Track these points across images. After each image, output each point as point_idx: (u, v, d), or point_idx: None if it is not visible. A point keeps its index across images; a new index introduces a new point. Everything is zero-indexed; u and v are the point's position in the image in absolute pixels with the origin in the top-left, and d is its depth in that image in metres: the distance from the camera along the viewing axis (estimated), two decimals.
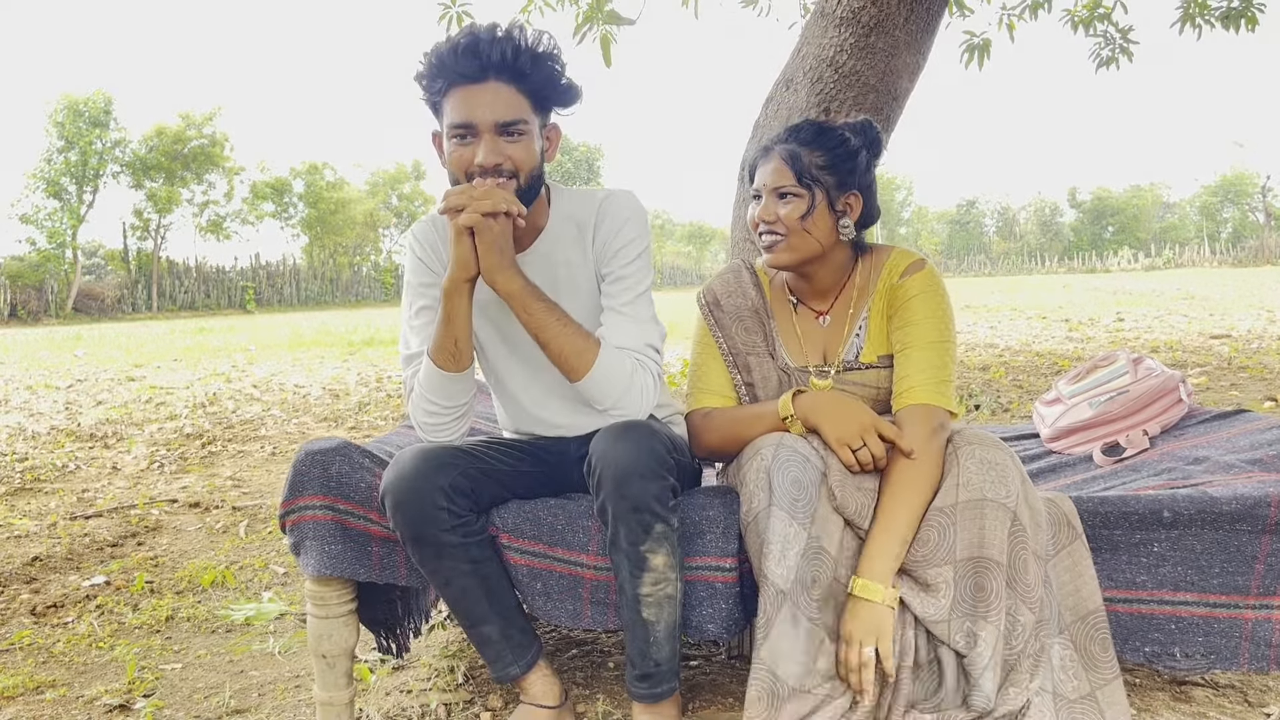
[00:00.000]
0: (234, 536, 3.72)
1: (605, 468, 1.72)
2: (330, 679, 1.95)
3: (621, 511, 1.71)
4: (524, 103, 1.81)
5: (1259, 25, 6.86)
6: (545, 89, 1.84)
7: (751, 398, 2.06)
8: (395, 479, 1.79)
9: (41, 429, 6.39)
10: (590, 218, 1.95)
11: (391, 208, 44.02)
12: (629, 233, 1.93)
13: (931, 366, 1.88)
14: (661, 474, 1.73)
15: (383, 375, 9.08)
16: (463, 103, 1.78)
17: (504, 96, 1.78)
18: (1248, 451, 2.14)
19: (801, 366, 2.03)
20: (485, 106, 1.77)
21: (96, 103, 30.00)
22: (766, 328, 2.08)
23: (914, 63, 4.50)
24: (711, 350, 2.09)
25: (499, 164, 1.79)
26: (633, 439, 1.73)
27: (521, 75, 1.79)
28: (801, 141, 1.96)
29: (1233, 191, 58.66)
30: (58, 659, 2.53)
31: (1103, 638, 1.77)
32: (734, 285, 2.12)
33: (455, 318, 1.82)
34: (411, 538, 1.80)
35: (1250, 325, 10.69)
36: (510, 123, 1.79)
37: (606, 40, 5.97)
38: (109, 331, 19.40)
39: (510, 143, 1.80)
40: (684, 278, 51.22)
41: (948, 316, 1.94)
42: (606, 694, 2.17)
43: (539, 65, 1.80)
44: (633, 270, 1.93)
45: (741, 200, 4.64)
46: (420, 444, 1.87)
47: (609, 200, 1.95)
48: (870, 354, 1.99)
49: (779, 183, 1.95)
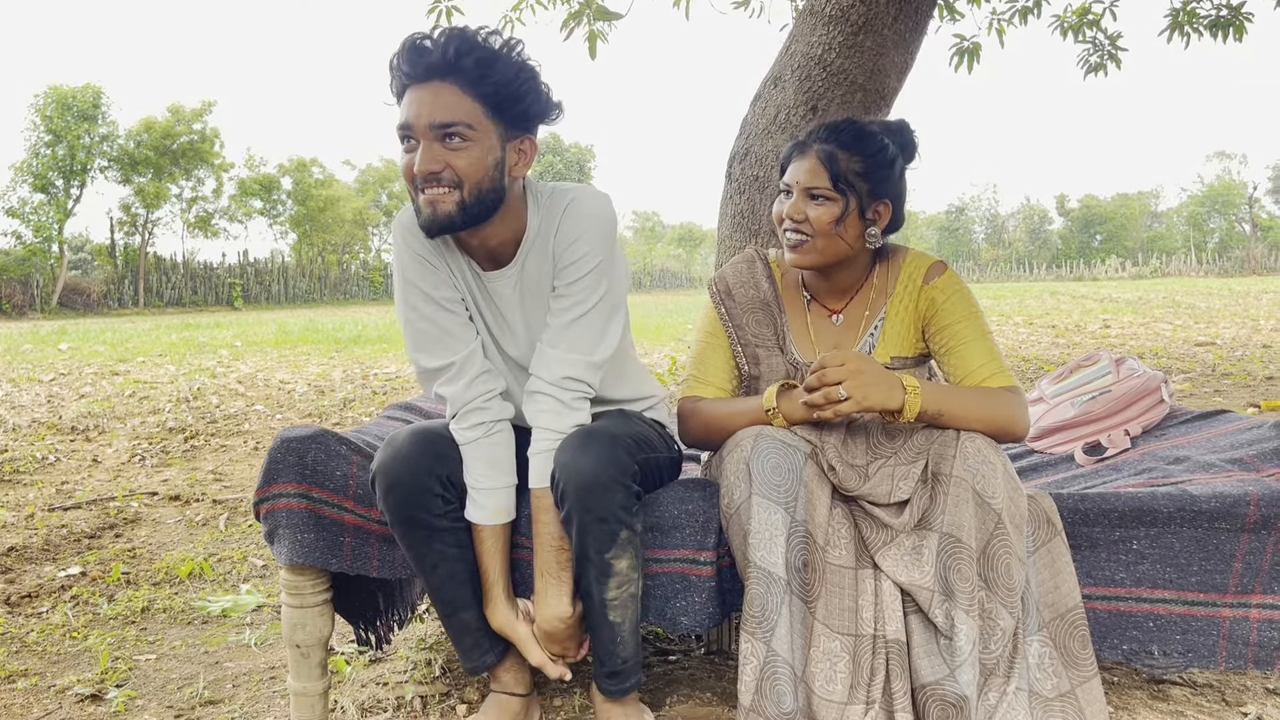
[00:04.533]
0: (213, 529, 3.69)
1: (569, 480, 1.71)
2: (304, 669, 1.93)
3: (587, 523, 1.72)
4: (472, 107, 1.67)
5: (1246, 35, 6.90)
6: (503, 95, 1.69)
7: (755, 391, 2.06)
8: (389, 460, 1.77)
9: (23, 421, 6.34)
10: (553, 224, 1.82)
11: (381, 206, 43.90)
12: (581, 247, 1.79)
13: (991, 357, 1.92)
14: (624, 482, 1.72)
15: (368, 372, 9.04)
16: (405, 104, 1.69)
17: (444, 97, 1.66)
18: (1228, 451, 2.14)
19: (810, 362, 2.03)
20: (423, 106, 1.66)
21: (85, 96, 29.78)
22: (777, 321, 2.07)
23: (902, 62, 4.50)
24: (718, 340, 2.09)
25: (436, 171, 1.67)
26: (594, 449, 1.72)
27: (469, 76, 1.66)
28: (841, 144, 1.92)
29: (1220, 202, 59.04)
30: (30, 648, 2.50)
31: (1082, 635, 1.76)
32: (746, 276, 2.11)
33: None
34: (402, 520, 1.78)
35: (1235, 333, 10.74)
36: (447, 124, 1.66)
37: (595, 35, 5.97)
38: (94, 326, 19.27)
39: (451, 149, 1.67)
40: (673, 280, 51.21)
41: (980, 310, 1.98)
42: (583, 688, 2.16)
43: (493, 68, 1.66)
44: (578, 289, 1.81)
45: (728, 198, 4.64)
46: (413, 427, 1.85)
47: (571, 205, 1.81)
48: (884, 354, 2.00)
49: (813, 183, 1.92)
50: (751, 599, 1.72)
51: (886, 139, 1.95)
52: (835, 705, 1.69)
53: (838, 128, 1.95)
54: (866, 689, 1.71)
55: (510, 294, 1.89)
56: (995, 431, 1.82)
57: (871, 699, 1.70)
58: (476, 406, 1.86)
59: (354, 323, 17.96)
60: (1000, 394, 1.85)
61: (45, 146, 29.65)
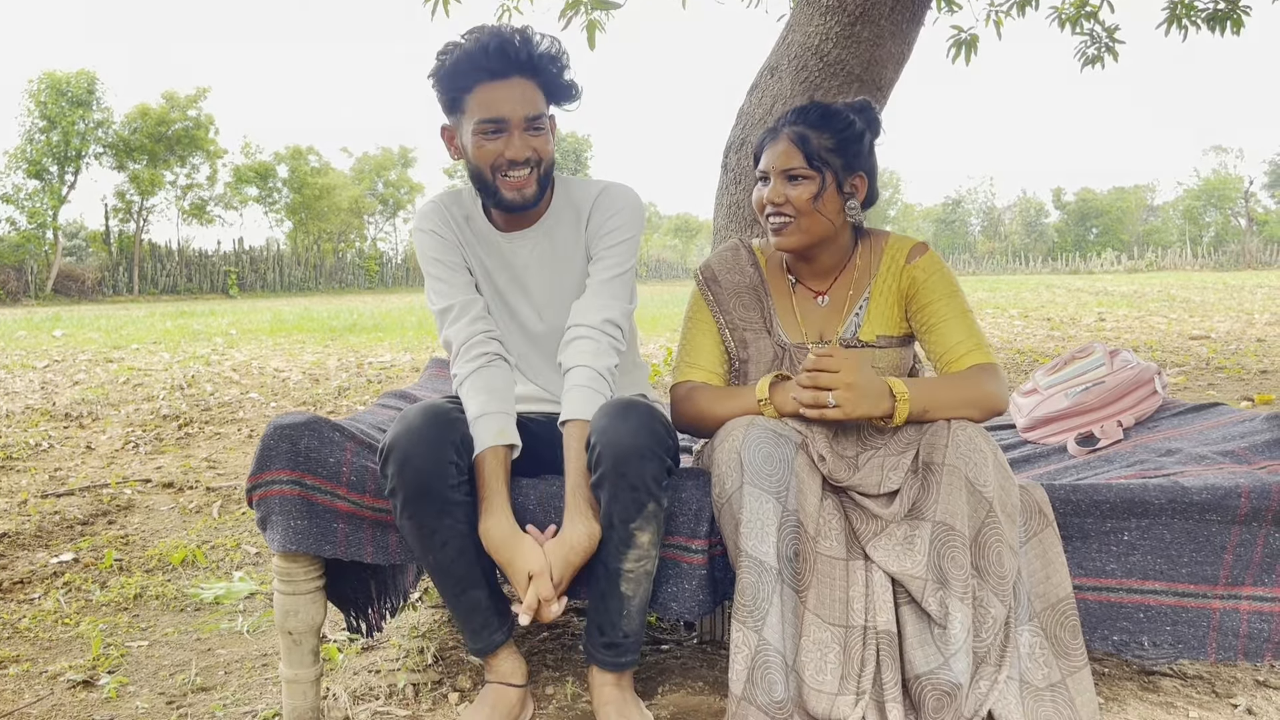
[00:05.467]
0: (207, 517, 3.68)
1: (605, 445, 1.76)
2: (296, 656, 1.93)
3: (619, 489, 1.75)
4: (542, 98, 1.96)
5: (1244, 28, 6.89)
6: (555, 85, 1.98)
7: (744, 374, 2.09)
8: (404, 433, 1.79)
9: (16, 408, 6.32)
10: (588, 204, 2.07)
11: (377, 194, 43.80)
12: (619, 220, 2.06)
13: (970, 333, 1.96)
14: (659, 454, 1.76)
15: (363, 361, 9.03)
16: (492, 99, 1.90)
17: (529, 93, 1.93)
18: (1220, 444, 2.14)
19: (798, 343, 2.07)
20: (516, 102, 1.91)
21: (80, 82, 29.67)
22: (764, 305, 2.11)
23: (899, 53, 4.49)
24: (705, 326, 2.12)
25: (529, 157, 1.93)
26: (634, 418, 1.77)
27: (539, 72, 1.93)
28: (810, 124, 1.99)
29: (1215, 196, 59.09)
30: (22, 634, 2.50)
31: (1072, 625, 1.77)
32: (732, 262, 2.16)
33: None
34: (415, 494, 1.78)
35: (1229, 327, 10.77)
36: (536, 116, 1.93)
37: (593, 25, 5.95)
38: (89, 313, 19.23)
39: (535, 136, 1.94)
40: (669, 271, 51.19)
41: (961, 289, 2.02)
42: (576, 676, 2.16)
43: (552, 63, 1.94)
44: (616, 252, 2.05)
45: (724, 188, 4.63)
46: (423, 404, 1.87)
47: (608, 190, 2.08)
48: (869, 333, 2.04)
49: (788, 164, 1.97)
50: (743, 588, 1.72)
51: (853, 116, 2.02)
52: (825, 696, 1.69)
53: (805, 110, 2.03)
54: (857, 679, 1.71)
55: (529, 256, 2.09)
56: (977, 411, 1.85)
57: (862, 690, 1.71)
58: (478, 340, 2.00)
59: (349, 311, 17.94)
60: (974, 374, 1.90)
61: (40, 132, 29.55)
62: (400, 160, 44.57)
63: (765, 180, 2.02)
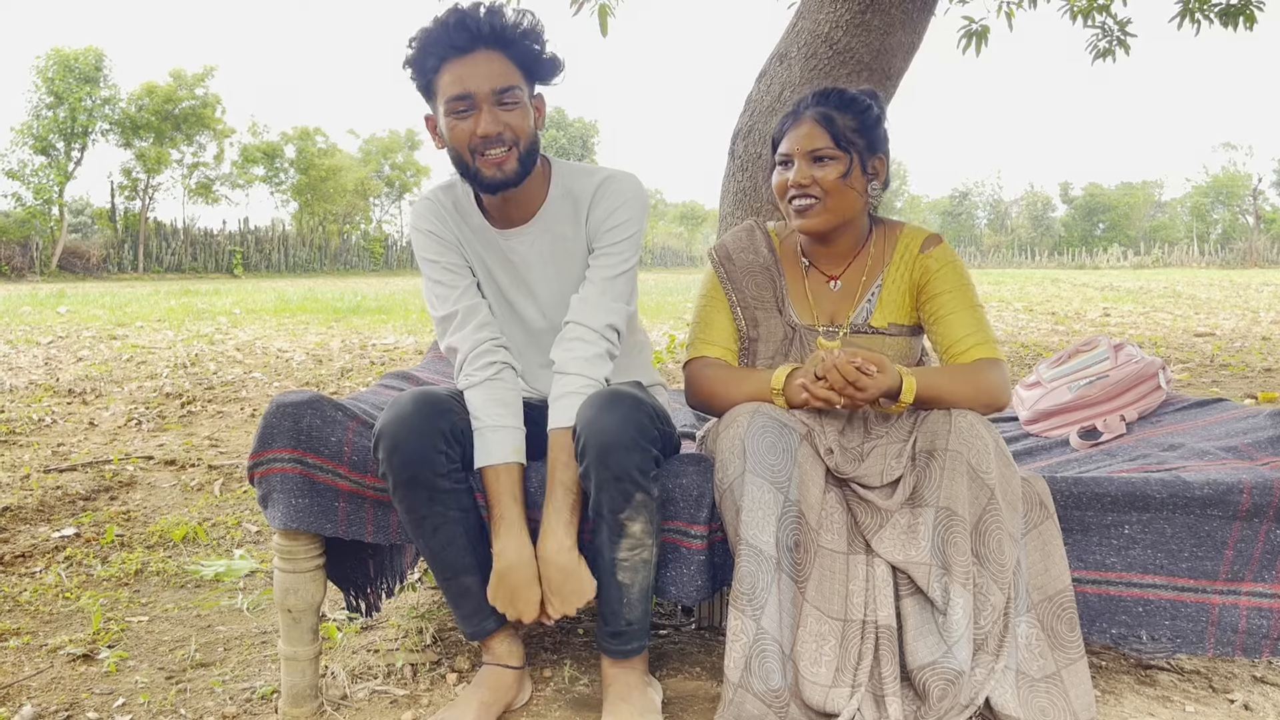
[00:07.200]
0: (208, 494, 3.69)
1: (590, 436, 1.75)
2: (296, 634, 1.93)
3: (603, 480, 1.74)
4: (515, 71, 1.86)
5: (1257, 24, 6.84)
6: (531, 59, 1.89)
7: (753, 353, 2.10)
8: (394, 420, 1.78)
9: (20, 383, 6.34)
10: (588, 195, 2.00)
11: (384, 176, 43.66)
12: (622, 215, 1.99)
13: (979, 327, 1.96)
14: (644, 445, 1.75)
15: (367, 343, 9.04)
16: (458, 75, 1.83)
17: (496, 65, 1.84)
18: (1223, 439, 2.14)
19: (809, 325, 2.07)
20: (481, 76, 1.83)
21: (88, 59, 29.60)
22: (776, 285, 2.11)
23: (909, 42, 4.47)
24: (719, 303, 2.13)
25: (499, 132, 1.84)
26: (619, 410, 1.76)
27: (509, 44, 1.85)
28: (834, 106, 1.99)
29: (1224, 193, 58.82)
30: (23, 608, 2.51)
31: (1070, 617, 1.77)
32: (746, 242, 2.16)
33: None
34: (406, 480, 1.78)
35: (1235, 324, 10.74)
36: (505, 89, 1.84)
37: (604, 10, 5.92)
38: (93, 290, 19.25)
39: (507, 111, 1.85)
40: (675, 259, 51.14)
41: (972, 283, 2.03)
42: (574, 659, 2.17)
43: (525, 35, 1.86)
44: (619, 249, 1.99)
45: (731, 175, 4.62)
46: (415, 390, 1.86)
47: (609, 180, 2.00)
48: (881, 319, 2.05)
49: (814, 145, 1.97)
50: (742, 576, 1.72)
51: (870, 100, 2.03)
52: (820, 687, 1.70)
53: (826, 94, 2.03)
54: (853, 672, 1.72)
55: (529, 252, 2.02)
56: (979, 404, 1.85)
57: (858, 682, 1.71)
58: (484, 349, 1.96)
59: (353, 293, 17.94)
60: (978, 367, 1.90)
61: (46, 109, 29.51)
62: (407, 143, 44.42)
63: (787, 164, 2.01)
